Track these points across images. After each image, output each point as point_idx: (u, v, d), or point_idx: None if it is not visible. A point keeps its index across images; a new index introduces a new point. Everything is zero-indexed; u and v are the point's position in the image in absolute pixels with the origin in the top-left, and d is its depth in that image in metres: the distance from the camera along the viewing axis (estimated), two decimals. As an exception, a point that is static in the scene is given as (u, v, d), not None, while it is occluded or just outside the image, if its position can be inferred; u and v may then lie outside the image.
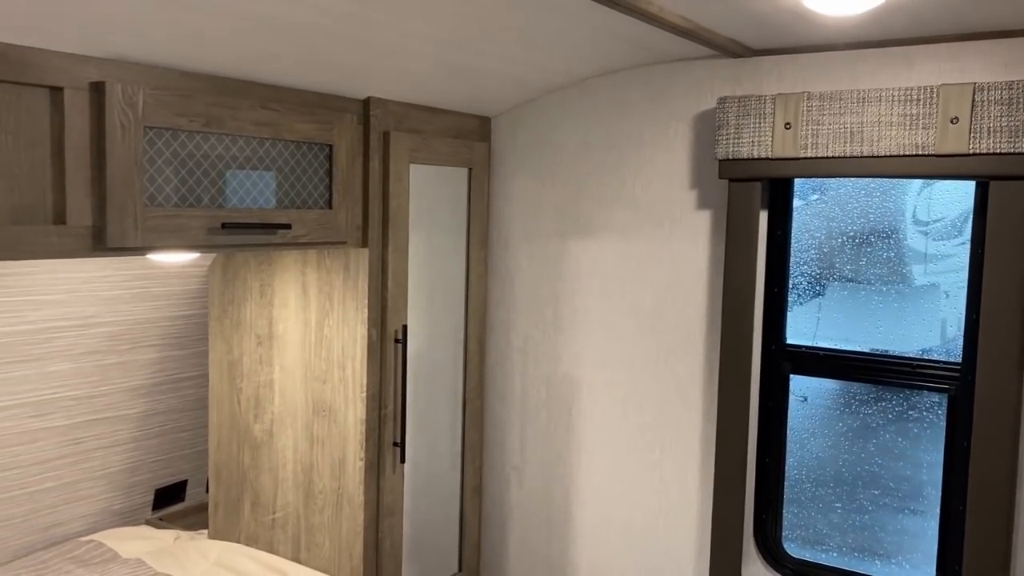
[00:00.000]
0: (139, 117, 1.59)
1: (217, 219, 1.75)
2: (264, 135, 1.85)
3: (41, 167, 1.49)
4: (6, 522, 2.37)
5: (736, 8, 1.73)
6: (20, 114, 1.46)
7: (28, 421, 2.32)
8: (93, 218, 1.55)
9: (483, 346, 2.62)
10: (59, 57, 1.49)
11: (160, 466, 2.80)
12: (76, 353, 2.34)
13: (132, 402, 2.60)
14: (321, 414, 2.28)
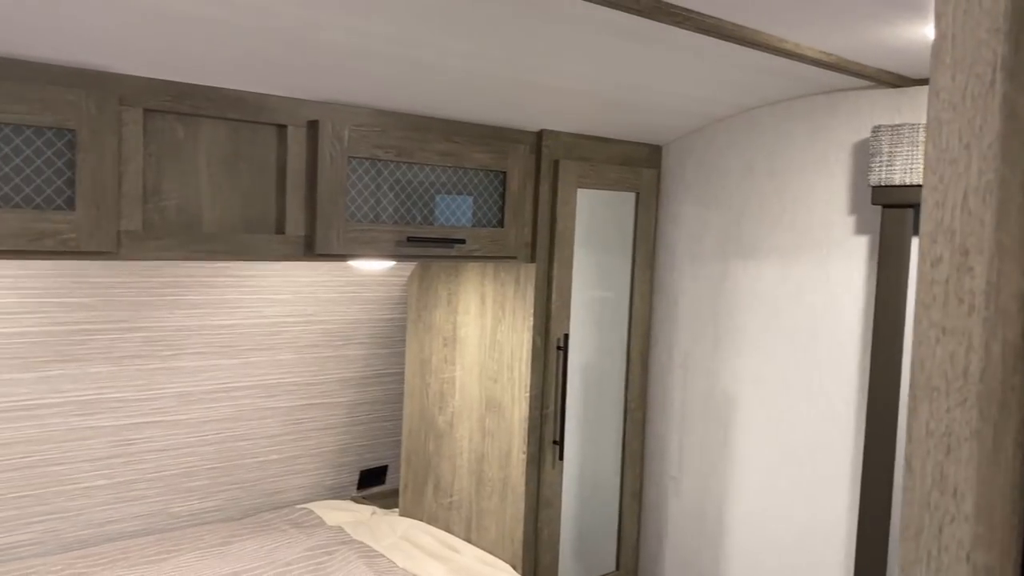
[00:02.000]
0: (344, 148, 1.96)
1: (404, 233, 2.09)
2: (447, 163, 2.18)
3: (268, 188, 1.89)
4: (240, 485, 2.86)
5: (870, 41, 1.81)
6: (255, 146, 1.87)
7: (260, 400, 2.80)
8: (306, 229, 1.94)
9: (645, 360, 2.80)
10: (285, 101, 1.89)
11: (365, 450, 3.22)
12: (299, 345, 2.80)
13: (343, 391, 3.03)
14: (492, 409, 2.56)
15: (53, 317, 2.24)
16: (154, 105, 1.70)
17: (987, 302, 0.46)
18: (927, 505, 0.49)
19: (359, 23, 1.59)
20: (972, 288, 0.47)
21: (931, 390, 0.49)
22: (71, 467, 2.47)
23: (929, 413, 0.49)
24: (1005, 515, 0.47)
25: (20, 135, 1.54)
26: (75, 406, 2.41)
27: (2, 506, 2.37)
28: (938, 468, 0.48)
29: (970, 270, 0.47)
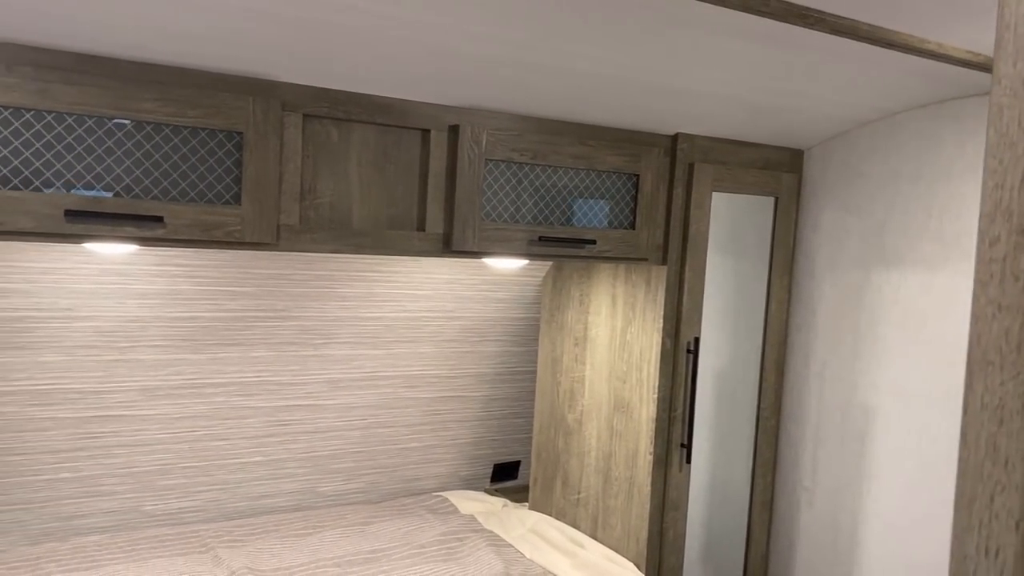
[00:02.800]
0: (482, 152, 2.07)
1: (536, 233, 2.18)
2: (580, 166, 2.24)
3: (411, 188, 2.03)
4: (381, 470, 3.03)
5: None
6: (401, 149, 2.01)
7: (402, 390, 2.96)
8: (444, 227, 2.06)
9: (781, 368, 2.75)
10: (429, 107, 2.02)
11: (499, 445, 3.33)
12: (439, 340, 2.94)
13: (479, 386, 3.15)
14: (620, 410, 2.60)
15: (221, 304, 2.47)
16: (312, 111, 1.87)
17: (1042, 280, 0.48)
18: (980, 476, 0.51)
19: (497, 31, 1.69)
20: (1027, 267, 0.49)
21: (986, 364, 0.51)
22: (232, 443, 2.71)
23: (984, 387, 0.51)
24: (1056, 486, 0.49)
25: (196, 137, 1.74)
26: (237, 387, 2.64)
27: (173, 475, 2.63)
28: (991, 440, 0.50)
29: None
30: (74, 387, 2.39)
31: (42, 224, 1.59)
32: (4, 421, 2.32)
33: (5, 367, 2.27)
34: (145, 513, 2.62)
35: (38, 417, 2.37)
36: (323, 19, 1.58)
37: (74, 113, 1.61)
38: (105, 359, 2.40)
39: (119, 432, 2.51)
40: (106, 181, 1.66)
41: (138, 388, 2.49)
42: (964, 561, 0.52)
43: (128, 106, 1.65)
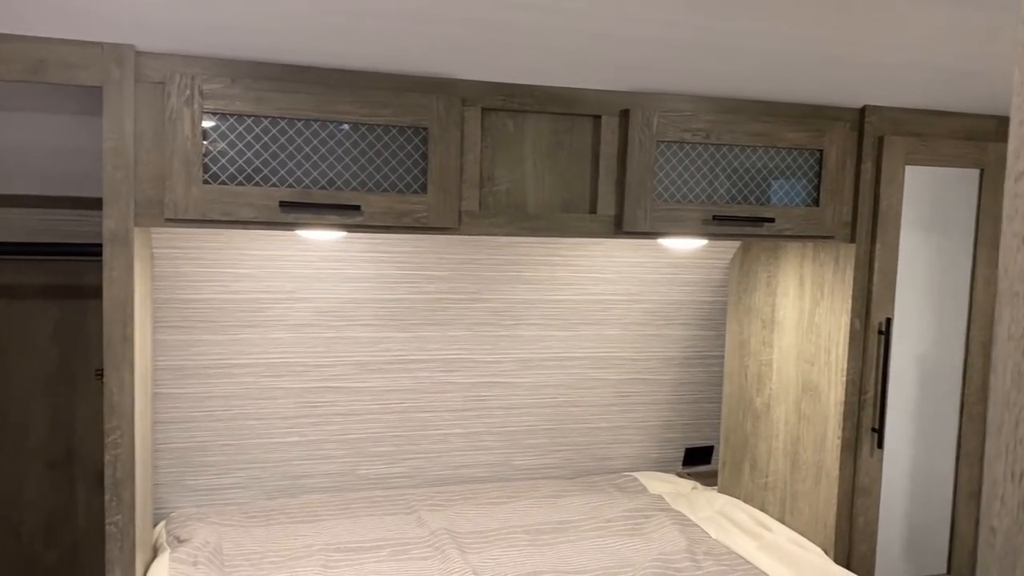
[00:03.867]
0: (653, 134, 2.12)
1: (710, 212, 2.20)
2: (757, 143, 2.23)
3: (583, 172, 2.13)
4: (573, 447, 3.16)
5: None
6: (573, 136, 2.11)
7: (590, 371, 3.07)
8: (615, 209, 2.14)
9: (987, 351, 2.56)
10: (599, 94, 2.10)
11: (690, 429, 3.34)
12: (624, 323, 3.02)
13: (667, 370, 3.19)
14: (808, 392, 2.55)
15: (421, 287, 2.70)
16: (489, 104, 2.02)
17: (1060, 211, 0.50)
18: (1007, 403, 0.53)
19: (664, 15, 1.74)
20: (1047, 199, 0.51)
21: (1012, 295, 0.53)
22: (434, 415, 2.95)
23: (1011, 318, 0.53)
24: (1077, 412, 0.50)
25: (388, 133, 1.94)
26: (438, 364, 2.87)
27: (383, 443, 2.91)
28: (1016, 368, 0.52)
29: (1045, 182, 0.51)
30: (299, 361, 2.72)
31: (261, 214, 1.85)
32: (243, 389, 2.68)
33: (243, 343, 2.62)
34: (359, 476, 2.91)
35: (270, 387, 2.72)
36: (495, 18, 1.71)
37: (285, 117, 1.87)
38: (325, 336, 2.70)
39: (336, 402, 2.81)
40: (312, 176, 1.90)
41: (353, 363, 2.78)
42: (993, 486, 0.54)
43: (329, 108, 1.88)
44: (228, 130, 1.84)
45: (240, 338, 2.61)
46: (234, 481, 2.75)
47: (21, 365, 2.38)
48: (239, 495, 2.76)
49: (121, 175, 1.77)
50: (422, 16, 1.69)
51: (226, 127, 1.84)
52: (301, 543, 2.44)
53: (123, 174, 1.77)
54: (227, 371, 2.64)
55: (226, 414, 2.69)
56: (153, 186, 1.81)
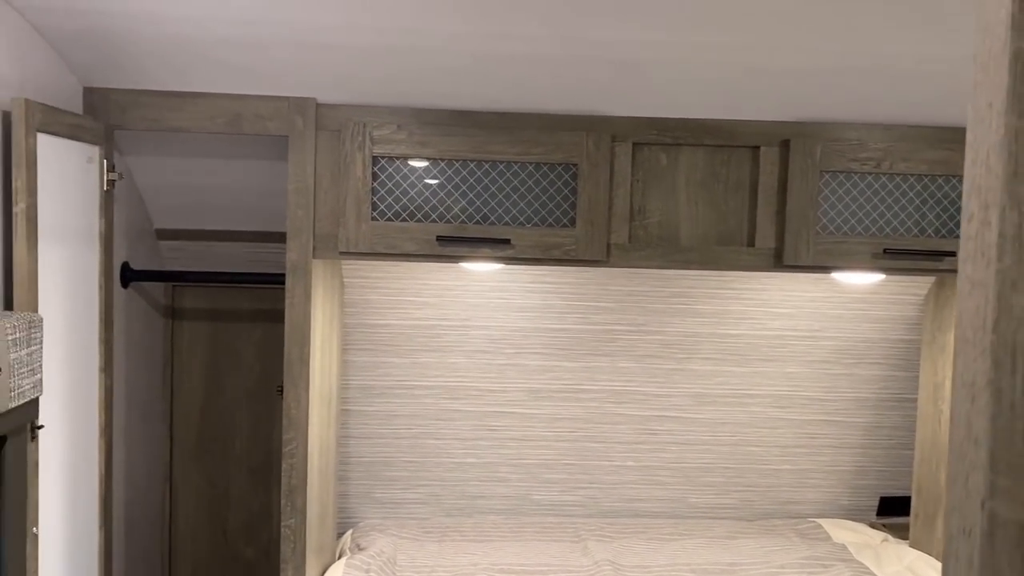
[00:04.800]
0: (816, 163, 2.05)
1: (880, 245, 2.07)
2: (936, 172, 2.08)
3: (740, 204, 2.09)
4: (753, 488, 3.05)
5: None
6: (730, 167, 2.09)
7: (772, 410, 2.96)
8: (775, 242, 2.08)
9: None
10: (757, 124, 2.07)
11: (886, 476, 3.11)
12: (807, 360, 2.88)
13: (859, 412, 3.00)
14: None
15: (588, 318, 2.75)
16: (640, 139, 2.05)
17: (1000, 255, 0.48)
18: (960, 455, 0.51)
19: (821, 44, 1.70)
20: (990, 241, 0.48)
21: (964, 342, 0.51)
22: (607, 446, 2.97)
23: (963, 364, 0.51)
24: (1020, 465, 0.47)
25: (539, 171, 2.03)
26: (608, 394, 2.90)
27: (556, 470, 2.97)
28: (966, 418, 0.50)
29: (988, 224, 0.48)
30: (475, 385, 2.86)
31: (421, 247, 2.01)
32: (424, 410, 2.86)
33: (424, 366, 2.81)
34: (533, 501, 2.99)
35: (449, 409, 2.88)
36: (647, 57, 1.76)
37: (445, 158, 2.01)
38: (497, 363, 2.83)
39: (511, 427, 2.92)
40: (468, 212, 2.03)
41: (525, 389, 2.88)
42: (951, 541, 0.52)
43: (485, 149, 2.00)
44: (394, 171, 2.02)
45: (421, 362, 2.80)
46: (416, 496, 2.93)
47: (230, 380, 2.71)
48: (420, 510, 2.93)
49: (302, 213, 1.99)
50: (576, 60, 1.78)
51: (392, 168, 2.01)
52: (468, 561, 2.56)
53: (304, 212, 1.99)
54: (410, 392, 2.84)
55: (409, 432, 2.88)
56: (329, 222, 2.02)
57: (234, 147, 2.18)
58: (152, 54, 1.84)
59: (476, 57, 1.80)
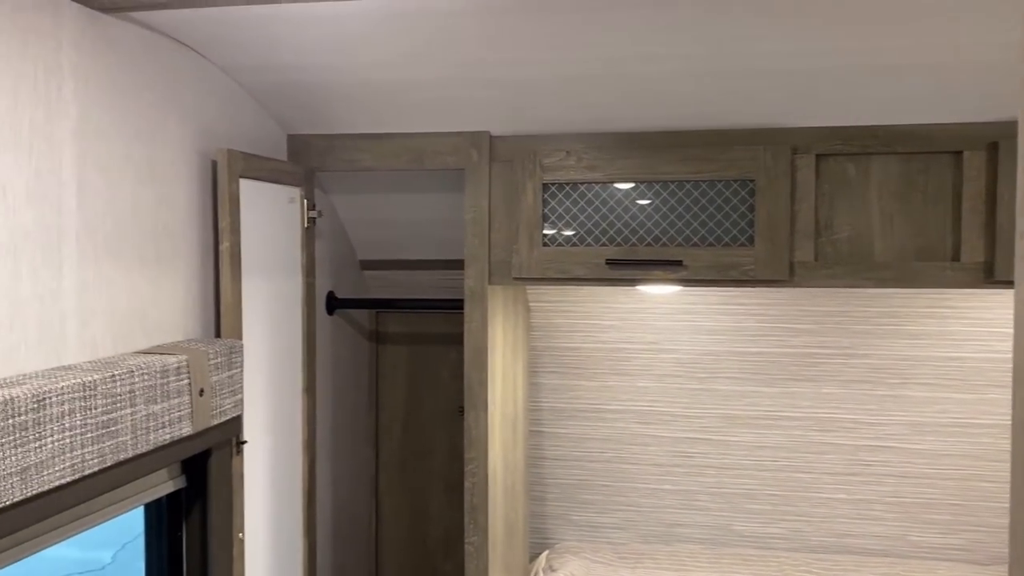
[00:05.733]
0: (1034, 166, 1.82)
1: (1120, 255, 1.79)
2: None
3: (942, 216, 1.90)
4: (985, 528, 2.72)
5: None
6: (928, 176, 1.91)
7: (1002, 442, 2.63)
8: (984, 255, 1.86)
9: None
10: (958, 127, 1.87)
11: None
12: (1049, 386, 2.53)
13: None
14: None
15: (785, 340, 2.61)
16: (824, 150, 1.93)
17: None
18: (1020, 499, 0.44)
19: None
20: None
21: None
22: (813, 477, 2.79)
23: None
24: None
25: (713, 188, 1.97)
26: (812, 422, 2.72)
27: (758, 500, 2.84)
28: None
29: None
30: (666, 410, 2.80)
31: (592, 271, 2.01)
32: (617, 433, 2.85)
33: (613, 389, 2.80)
34: (734, 532, 2.87)
35: (640, 434, 2.84)
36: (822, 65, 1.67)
37: (613, 181, 2.01)
38: (689, 387, 2.76)
39: (707, 454, 2.83)
40: (639, 234, 2.01)
41: (720, 415, 2.78)
42: None
43: (654, 169, 1.98)
44: (564, 197, 2.04)
45: (610, 385, 2.79)
46: (611, 521, 2.91)
47: (427, 400, 2.85)
48: (615, 535, 2.91)
49: (478, 241, 2.07)
50: (746, 73, 1.73)
51: (562, 194, 2.04)
52: (660, 590, 2.51)
53: (480, 240, 2.07)
54: (600, 415, 2.84)
55: (602, 456, 2.88)
56: (504, 249, 2.08)
57: (419, 181, 2.31)
58: (344, 101, 2.01)
59: (639, 79, 1.79)
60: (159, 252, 1.61)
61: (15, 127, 1.26)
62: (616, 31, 1.59)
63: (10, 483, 1.10)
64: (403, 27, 1.60)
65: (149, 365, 1.41)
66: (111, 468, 1.32)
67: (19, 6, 1.27)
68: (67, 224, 1.37)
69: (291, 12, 1.49)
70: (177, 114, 1.67)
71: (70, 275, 1.37)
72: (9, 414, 1.10)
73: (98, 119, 1.44)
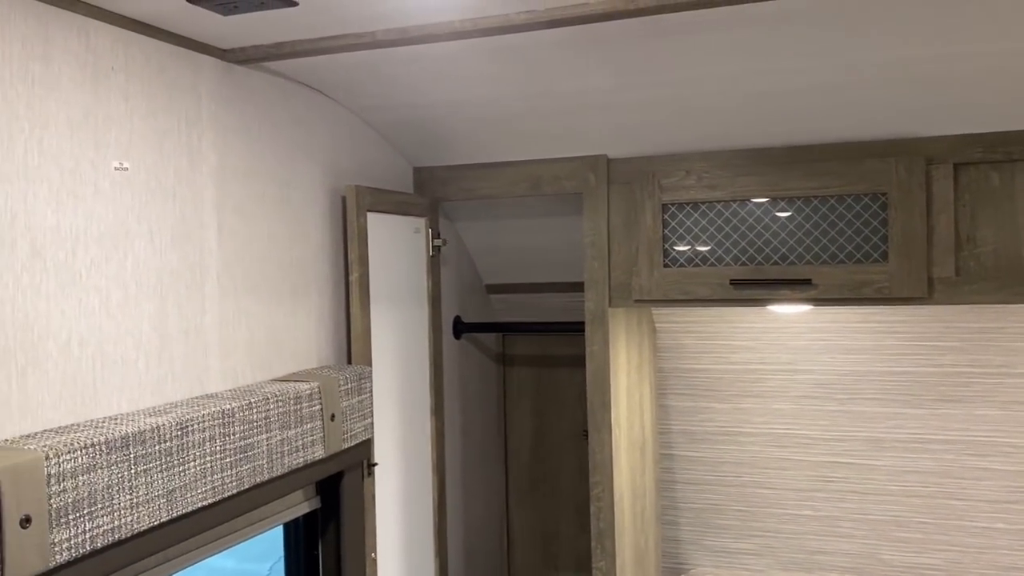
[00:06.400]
0: None
1: None
2: None
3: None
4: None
5: None
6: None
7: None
8: None
9: None
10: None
11: None
12: None
13: None
14: None
15: (931, 359, 2.46)
16: (964, 158, 1.81)
17: None
18: None
19: None
20: None
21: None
22: (969, 504, 2.60)
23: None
24: None
25: (842, 204, 1.89)
26: (965, 445, 2.54)
27: (908, 527, 2.67)
28: None
29: None
30: (804, 433, 2.69)
31: (715, 292, 1.97)
32: (751, 457, 2.76)
33: (746, 412, 2.71)
34: (882, 561, 2.72)
35: (777, 457, 2.74)
36: (958, 71, 1.58)
37: (736, 199, 1.97)
38: (827, 409, 2.64)
39: (849, 479, 2.69)
40: (764, 252, 1.95)
41: (862, 438, 2.64)
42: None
43: (779, 186, 1.92)
44: (684, 217, 2.01)
45: (742, 407, 2.71)
46: (748, 547, 2.82)
47: (555, 422, 2.86)
48: (753, 562, 2.82)
49: (598, 264, 2.07)
50: (874, 83, 1.66)
51: (683, 215, 2.02)
52: (802, 620, 2.40)
53: (599, 263, 2.07)
54: (734, 438, 2.76)
55: (737, 480, 2.80)
56: (623, 272, 2.07)
57: (541, 206, 2.34)
58: (464, 134, 2.07)
59: (760, 95, 1.75)
60: (293, 285, 1.71)
61: (161, 176, 1.38)
62: (733, 49, 1.57)
63: (157, 505, 1.20)
64: (516, 60, 1.63)
65: (283, 392, 1.50)
66: (248, 490, 1.40)
67: (164, 65, 1.39)
68: (208, 263, 1.48)
69: (410, 52, 1.56)
70: (308, 154, 1.77)
71: (212, 310, 1.48)
72: (156, 441, 1.20)
73: (235, 164, 1.55)
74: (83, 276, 1.23)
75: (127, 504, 1.15)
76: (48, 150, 1.17)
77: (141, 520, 1.17)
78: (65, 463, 1.06)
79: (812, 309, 2.46)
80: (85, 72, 1.24)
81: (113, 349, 1.27)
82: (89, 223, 1.24)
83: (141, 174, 1.34)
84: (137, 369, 1.32)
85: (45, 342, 1.16)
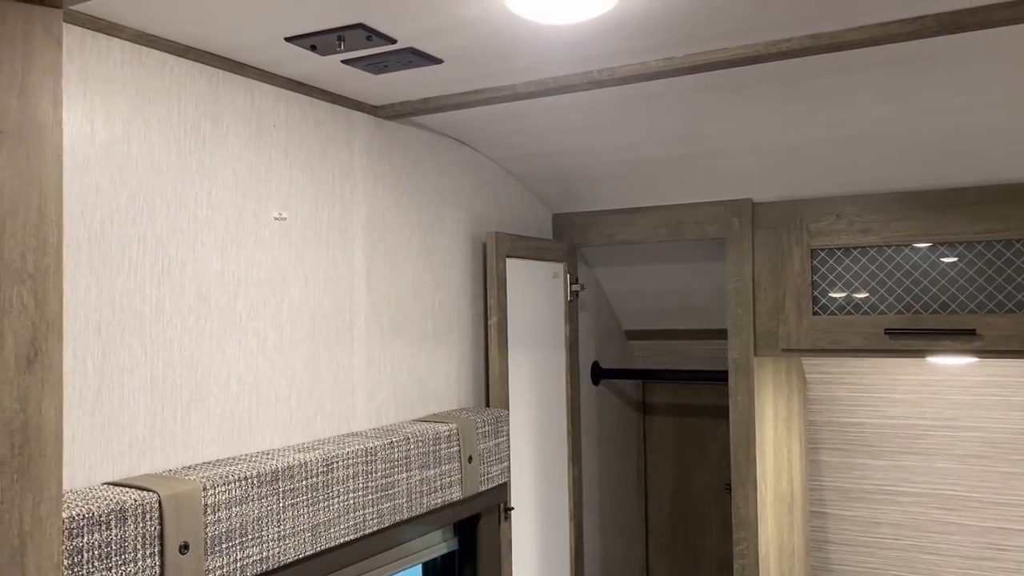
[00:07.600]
0: None
1: None
2: None
3: None
4: None
5: None
6: None
7: None
8: None
9: None
10: None
11: None
12: None
13: None
14: None
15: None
16: None
17: None
18: None
19: None
20: None
21: None
22: None
23: None
24: None
25: (1010, 249, 1.76)
26: None
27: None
28: None
29: None
30: (972, 495, 2.49)
31: (869, 342, 1.87)
32: (912, 519, 2.57)
33: (905, 470, 2.54)
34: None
35: (941, 521, 2.54)
36: None
37: (891, 244, 1.87)
38: (999, 470, 2.43)
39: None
40: (923, 300, 1.84)
41: (1041, 504, 2.42)
42: None
43: (938, 231, 1.81)
44: (835, 263, 1.93)
45: (902, 465, 2.54)
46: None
47: (697, 473, 2.77)
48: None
49: (742, 311, 2.02)
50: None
51: (833, 260, 1.93)
52: None
53: (743, 310, 2.01)
54: (892, 498, 2.58)
55: (897, 544, 2.61)
56: (769, 319, 2.00)
57: (681, 251, 2.31)
58: (603, 180, 2.08)
59: (911, 135, 1.66)
60: (436, 328, 1.76)
61: (316, 225, 1.46)
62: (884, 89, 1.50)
63: (303, 538, 1.25)
64: (654, 106, 1.63)
65: (423, 433, 1.54)
66: (388, 528, 1.44)
67: (320, 121, 1.48)
68: (357, 307, 1.55)
69: (549, 103, 1.59)
70: (451, 202, 1.83)
71: (359, 351, 1.55)
72: (304, 475, 1.26)
73: (384, 213, 1.63)
74: (243, 319, 1.31)
75: (275, 536, 1.21)
76: (215, 202, 1.27)
77: (287, 552, 1.22)
78: (221, 494, 1.12)
79: (978, 362, 2.29)
80: (250, 129, 1.34)
81: (268, 388, 1.35)
82: (250, 269, 1.33)
83: (298, 223, 1.43)
84: (289, 407, 1.39)
85: (207, 380, 1.25)
